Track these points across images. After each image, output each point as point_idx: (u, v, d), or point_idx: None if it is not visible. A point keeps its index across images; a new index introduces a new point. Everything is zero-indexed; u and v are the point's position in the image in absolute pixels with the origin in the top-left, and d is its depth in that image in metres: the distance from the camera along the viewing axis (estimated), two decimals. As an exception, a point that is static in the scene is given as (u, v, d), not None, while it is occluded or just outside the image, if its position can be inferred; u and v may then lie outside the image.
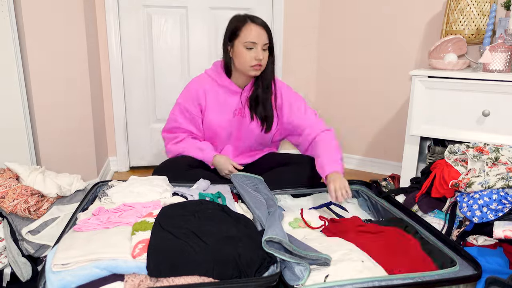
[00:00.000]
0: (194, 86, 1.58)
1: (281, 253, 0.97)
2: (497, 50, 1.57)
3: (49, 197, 1.31)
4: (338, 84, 2.42)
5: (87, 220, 1.05)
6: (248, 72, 1.49)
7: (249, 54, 1.45)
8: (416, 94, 1.66)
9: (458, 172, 1.35)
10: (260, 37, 1.44)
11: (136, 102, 2.28)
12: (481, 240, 1.21)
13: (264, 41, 1.45)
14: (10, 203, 1.18)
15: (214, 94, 1.56)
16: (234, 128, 1.61)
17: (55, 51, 1.71)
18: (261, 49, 1.45)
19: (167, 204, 1.15)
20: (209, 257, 0.92)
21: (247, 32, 1.43)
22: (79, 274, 0.86)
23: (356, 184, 1.60)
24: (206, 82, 1.57)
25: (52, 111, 1.75)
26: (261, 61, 1.46)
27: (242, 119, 1.59)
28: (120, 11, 2.14)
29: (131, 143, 2.34)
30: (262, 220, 1.16)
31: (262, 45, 1.45)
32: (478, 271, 0.99)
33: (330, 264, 0.98)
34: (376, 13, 2.20)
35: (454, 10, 1.79)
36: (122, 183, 1.32)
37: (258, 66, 1.47)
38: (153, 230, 0.98)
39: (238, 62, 1.48)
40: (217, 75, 1.56)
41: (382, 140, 2.34)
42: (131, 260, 0.89)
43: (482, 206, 1.21)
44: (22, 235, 1.18)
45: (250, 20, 1.45)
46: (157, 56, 2.25)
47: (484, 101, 1.55)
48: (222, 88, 1.56)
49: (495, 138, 1.54)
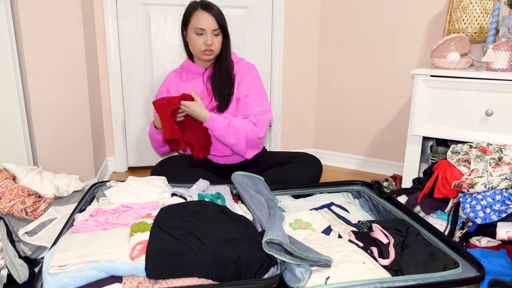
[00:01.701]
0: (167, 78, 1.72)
1: (282, 255, 0.96)
2: (501, 48, 1.55)
3: (47, 197, 1.30)
4: (339, 82, 2.41)
5: (85, 221, 1.04)
6: (201, 56, 1.57)
7: (199, 39, 1.53)
8: (418, 93, 1.65)
9: (461, 173, 1.34)
10: (208, 23, 1.51)
11: (135, 102, 2.27)
12: (484, 242, 1.20)
13: (212, 27, 1.52)
14: (7, 204, 1.17)
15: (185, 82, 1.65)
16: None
17: (52, 51, 1.70)
18: (211, 35, 1.52)
19: (166, 205, 1.14)
20: (209, 258, 0.92)
21: (196, 19, 1.52)
22: (76, 276, 0.86)
23: (357, 184, 1.59)
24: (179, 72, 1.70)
25: (50, 111, 1.74)
26: (211, 46, 1.53)
27: (209, 103, 1.63)
28: (118, 9, 2.13)
29: (130, 143, 2.33)
30: (262, 221, 1.15)
31: (211, 30, 1.52)
32: (481, 272, 0.98)
33: (331, 266, 0.97)
34: (377, 11, 2.19)
35: (457, 8, 1.78)
36: (120, 183, 1.31)
37: (208, 51, 1.54)
38: (151, 231, 0.97)
39: (192, 47, 1.59)
40: (185, 63, 1.68)
41: (383, 140, 2.33)
42: (130, 262, 0.89)
43: (485, 207, 1.20)
44: (19, 236, 1.17)
45: (200, 7, 1.53)
46: (156, 55, 2.23)
47: (487, 101, 1.53)
48: (189, 73, 1.66)
49: (499, 138, 1.53)
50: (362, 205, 1.54)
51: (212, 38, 1.52)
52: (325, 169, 2.35)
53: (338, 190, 1.58)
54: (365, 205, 1.53)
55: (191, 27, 1.54)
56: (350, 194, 1.58)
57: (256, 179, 1.45)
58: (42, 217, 1.24)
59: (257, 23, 2.30)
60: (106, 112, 2.24)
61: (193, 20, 1.53)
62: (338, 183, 1.59)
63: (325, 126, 2.51)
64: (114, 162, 2.32)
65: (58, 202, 1.35)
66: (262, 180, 1.46)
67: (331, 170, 2.41)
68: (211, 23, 1.52)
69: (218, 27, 1.53)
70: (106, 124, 2.26)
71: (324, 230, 1.25)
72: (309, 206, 1.45)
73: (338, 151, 2.50)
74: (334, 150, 2.51)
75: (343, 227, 1.31)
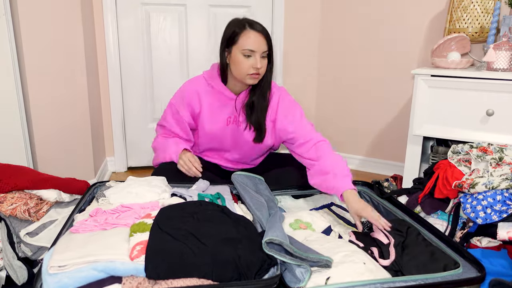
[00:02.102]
0: (188, 88, 1.52)
1: (282, 255, 0.96)
2: (501, 48, 1.55)
3: (48, 201, 1.30)
4: (340, 83, 2.40)
5: (84, 221, 1.04)
6: (245, 80, 1.42)
7: (247, 61, 1.38)
8: (419, 93, 1.65)
9: (461, 173, 1.33)
10: (259, 45, 1.37)
11: (134, 102, 2.27)
12: (485, 242, 1.19)
13: (263, 49, 1.38)
14: (9, 207, 1.17)
15: (208, 100, 1.50)
16: (228, 137, 1.55)
17: (52, 50, 1.70)
18: (260, 57, 1.38)
19: (166, 205, 1.14)
20: (208, 259, 0.91)
21: (246, 39, 1.37)
22: (76, 276, 0.85)
23: (357, 185, 1.58)
24: (201, 85, 1.51)
25: (49, 111, 1.74)
26: (259, 69, 1.39)
27: (237, 127, 1.53)
28: (118, 9, 2.13)
29: (129, 143, 2.33)
30: (262, 222, 1.15)
31: (261, 53, 1.38)
32: (481, 273, 0.98)
33: (331, 266, 0.97)
34: (378, 11, 2.19)
35: (458, 8, 1.78)
36: (120, 183, 1.31)
37: (256, 75, 1.40)
38: (151, 231, 0.97)
39: (235, 69, 1.42)
40: (213, 79, 1.50)
41: (384, 140, 2.33)
42: (129, 262, 0.88)
43: (486, 207, 1.19)
44: (20, 237, 1.18)
45: (249, 26, 1.38)
46: (155, 55, 2.23)
47: (488, 101, 1.53)
48: (216, 93, 1.50)
49: (499, 138, 1.52)
50: (362, 205, 1.53)
51: (261, 60, 1.38)
52: (326, 169, 2.34)
53: (338, 190, 1.57)
54: (365, 205, 1.52)
55: (239, 47, 1.37)
56: (350, 194, 1.58)
57: (256, 179, 1.45)
58: (44, 219, 1.24)
59: (257, 23, 2.30)
60: (106, 112, 2.24)
61: (242, 41, 1.36)
62: (339, 183, 1.58)
63: (325, 126, 2.51)
64: (114, 162, 2.32)
65: (59, 204, 1.35)
66: (262, 180, 1.45)
67: (331, 170, 2.41)
68: (262, 45, 1.37)
69: (267, 49, 1.40)
70: (106, 124, 2.26)
71: (324, 231, 1.24)
72: (309, 206, 1.45)
73: (339, 151, 2.49)
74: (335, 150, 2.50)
75: (343, 228, 1.31)
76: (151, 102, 2.29)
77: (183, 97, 1.52)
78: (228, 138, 1.54)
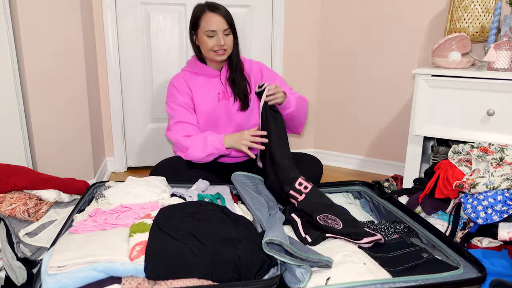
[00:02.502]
0: (174, 80, 1.64)
1: (282, 255, 0.96)
2: (502, 48, 1.55)
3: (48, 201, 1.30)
4: (340, 82, 2.40)
5: (84, 221, 1.03)
6: (213, 57, 1.57)
7: (211, 41, 1.53)
8: (419, 93, 1.64)
9: (462, 173, 1.33)
10: (218, 24, 1.52)
11: (134, 101, 2.26)
12: (486, 242, 1.19)
13: (223, 27, 1.53)
14: (8, 207, 1.17)
15: (196, 83, 1.63)
16: (222, 112, 1.64)
17: (51, 50, 1.69)
18: (222, 35, 1.53)
19: (165, 205, 1.14)
20: (208, 259, 0.91)
21: (206, 22, 1.52)
22: (75, 276, 0.85)
23: (358, 185, 1.58)
24: (185, 75, 1.65)
25: (48, 111, 1.74)
26: (224, 46, 1.54)
27: (227, 102, 1.64)
28: (118, 8, 2.12)
29: (129, 143, 2.32)
30: (262, 222, 1.15)
31: (222, 31, 1.53)
32: (482, 273, 0.97)
33: (331, 267, 0.97)
34: (378, 11, 2.18)
35: (458, 8, 1.77)
36: (120, 183, 1.31)
37: (221, 51, 1.55)
38: (151, 232, 0.97)
39: (204, 50, 1.58)
40: (194, 66, 1.65)
41: (384, 140, 2.32)
42: (129, 263, 0.88)
43: (487, 208, 1.19)
44: (19, 237, 1.17)
45: (208, 9, 1.53)
46: (155, 55, 2.23)
47: (488, 100, 1.53)
48: (201, 75, 1.64)
49: (500, 138, 1.52)
50: (363, 205, 1.53)
51: (223, 38, 1.54)
52: (326, 169, 2.34)
53: (338, 190, 1.57)
54: (366, 206, 1.52)
55: (202, 30, 1.54)
56: (350, 194, 1.58)
57: (256, 179, 1.45)
58: (43, 219, 1.24)
59: (257, 22, 2.30)
60: (105, 111, 2.24)
61: (203, 23, 1.53)
62: (339, 184, 1.59)
63: (325, 126, 2.51)
64: (113, 162, 2.31)
65: (59, 204, 1.35)
66: (262, 180, 1.45)
67: (331, 170, 2.41)
68: (221, 24, 1.53)
69: (228, 27, 1.54)
70: (105, 123, 2.26)
71: (324, 231, 1.24)
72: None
73: (339, 151, 2.49)
74: (335, 150, 2.50)
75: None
76: (151, 102, 2.29)
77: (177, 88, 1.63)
78: (222, 114, 1.65)
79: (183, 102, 1.58)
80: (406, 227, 1.27)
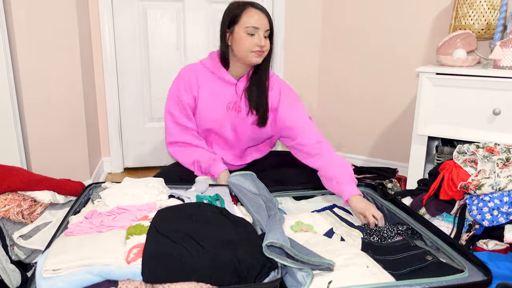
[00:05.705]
0: (186, 73, 1.51)
1: (283, 258, 0.94)
2: (508, 45, 1.52)
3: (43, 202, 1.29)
4: (342, 82, 2.38)
5: (79, 223, 1.02)
6: (249, 58, 1.42)
7: (251, 39, 1.39)
8: (424, 91, 1.62)
9: (467, 174, 1.31)
10: (262, 22, 1.39)
11: (131, 100, 2.24)
12: (492, 245, 1.18)
13: (266, 26, 1.41)
14: (1, 209, 1.16)
15: (208, 85, 1.51)
16: (228, 123, 1.55)
17: (46, 48, 1.67)
18: (263, 35, 1.40)
19: (163, 207, 1.13)
20: (207, 262, 0.90)
21: (249, 17, 1.39)
22: (70, 280, 0.84)
23: (360, 186, 1.56)
24: (200, 71, 1.51)
25: (43, 110, 1.72)
26: (263, 47, 1.41)
27: (237, 113, 1.53)
28: (114, 5, 2.10)
29: (126, 143, 2.30)
30: (262, 224, 1.13)
31: (264, 31, 1.40)
32: (488, 276, 0.96)
33: (333, 270, 0.96)
34: (381, 8, 2.16)
35: (464, 4, 1.75)
36: (116, 184, 1.29)
37: (260, 52, 1.41)
38: (148, 234, 0.96)
39: (238, 49, 1.42)
40: (213, 65, 1.50)
41: (387, 140, 2.30)
42: (125, 266, 0.87)
43: (493, 209, 1.18)
44: (13, 239, 1.16)
45: (250, 5, 1.41)
46: (152, 53, 2.21)
47: (494, 99, 1.51)
48: (217, 79, 1.50)
49: (506, 138, 1.50)
50: (365, 206, 1.51)
51: (264, 39, 1.41)
52: (328, 169, 2.32)
53: (341, 191, 1.55)
54: (368, 206, 1.50)
55: (242, 25, 1.39)
56: (353, 195, 1.56)
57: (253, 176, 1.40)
58: (37, 221, 1.23)
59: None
60: (101, 111, 2.21)
61: (245, 18, 1.38)
62: (341, 184, 1.56)
63: (327, 126, 2.49)
64: (110, 162, 2.29)
65: (54, 206, 1.34)
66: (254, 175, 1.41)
67: (334, 170, 2.39)
68: (264, 22, 1.40)
69: (270, 28, 1.43)
70: (101, 123, 2.23)
71: (326, 233, 1.22)
72: (310, 208, 1.43)
73: (341, 152, 2.47)
74: (337, 150, 2.48)
75: (345, 230, 1.29)
76: (148, 101, 2.27)
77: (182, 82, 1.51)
78: (228, 123, 1.55)
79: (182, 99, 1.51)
80: (410, 229, 1.26)
